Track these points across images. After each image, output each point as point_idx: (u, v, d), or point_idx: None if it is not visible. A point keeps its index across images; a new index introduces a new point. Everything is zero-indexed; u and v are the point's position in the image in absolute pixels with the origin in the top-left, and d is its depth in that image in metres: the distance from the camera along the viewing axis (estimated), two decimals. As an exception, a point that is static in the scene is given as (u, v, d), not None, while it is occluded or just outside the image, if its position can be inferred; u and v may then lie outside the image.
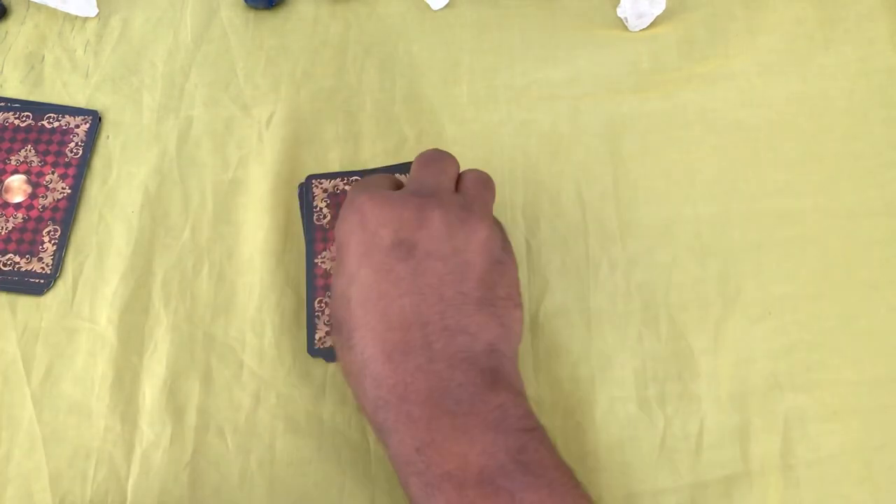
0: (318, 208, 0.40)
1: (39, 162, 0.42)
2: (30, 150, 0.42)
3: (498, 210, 0.40)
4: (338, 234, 0.33)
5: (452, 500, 0.26)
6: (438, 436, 0.27)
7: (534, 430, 0.28)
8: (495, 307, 0.30)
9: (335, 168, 0.42)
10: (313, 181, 0.41)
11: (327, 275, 0.38)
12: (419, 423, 0.27)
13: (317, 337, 0.37)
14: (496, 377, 0.29)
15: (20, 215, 0.41)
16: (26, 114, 0.43)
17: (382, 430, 0.29)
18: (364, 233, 0.31)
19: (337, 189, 0.40)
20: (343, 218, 0.33)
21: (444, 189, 0.33)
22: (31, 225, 0.41)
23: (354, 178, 0.41)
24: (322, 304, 0.38)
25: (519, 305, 0.32)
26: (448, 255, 0.30)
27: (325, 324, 0.37)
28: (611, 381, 0.37)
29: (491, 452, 0.27)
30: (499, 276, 0.31)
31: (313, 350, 0.37)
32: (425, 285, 0.29)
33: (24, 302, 0.39)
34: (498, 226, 0.34)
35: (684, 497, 0.34)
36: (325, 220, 0.40)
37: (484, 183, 0.35)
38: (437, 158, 0.35)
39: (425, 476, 0.27)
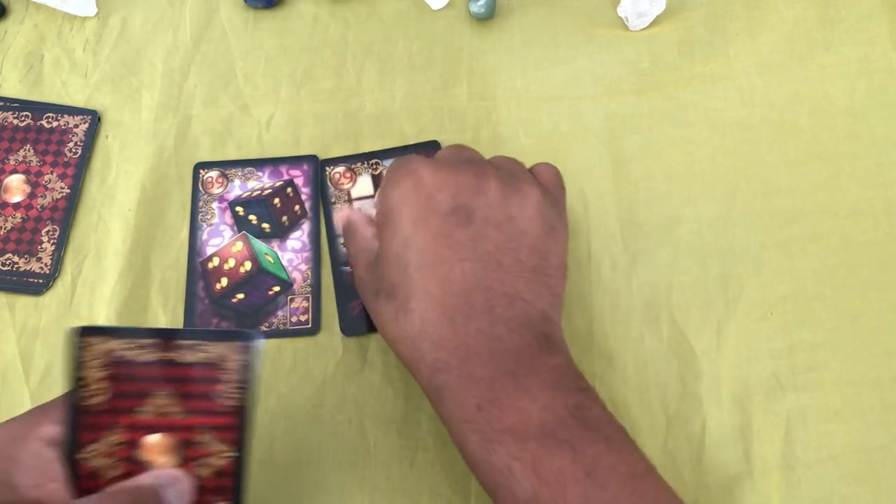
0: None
1: (38, 162, 0.42)
2: (29, 150, 0.42)
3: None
4: (387, 198, 0.32)
5: (514, 453, 0.27)
6: (501, 393, 0.28)
7: (588, 390, 0.29)
8: (547, 276, 0.31)
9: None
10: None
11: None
12: (481, 382, 0.28)
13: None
14: (550, 342, 0.30)
15: (19, 215, 0.41)
16: (25, 113, 0.43)
17: (440, 391, 0.29)
18: (419, 197, 0.31)
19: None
20: (394, 182, 0.32)
21: (487, 161, 0.34)
22: (29, 225, 0.41)
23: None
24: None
25: (566, 276, 0.33)
26: (503, 222, 0.31)
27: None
28: (612, 382, 0.37)
29: (551, 408, 0.28)
30: (552, 243, 0.32)
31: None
32: (484, 252, 0.30)
33: (23, 302, 0.39)
34: (551, 194, 0.34)
35: (686, 497, 0.34)
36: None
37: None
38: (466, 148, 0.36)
39: (486, 432, 0.27)
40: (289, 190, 0.41)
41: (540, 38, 0.45)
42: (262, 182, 0.41)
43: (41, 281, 0.39)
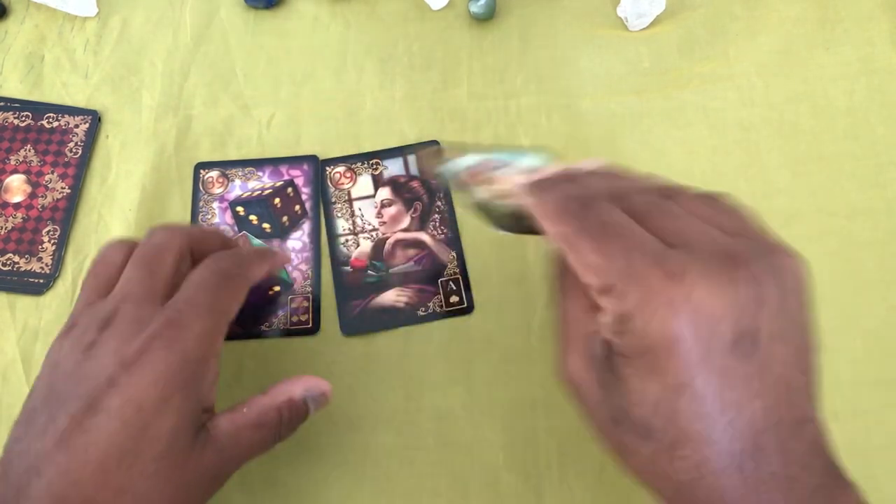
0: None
1: (39, 162, 0.42)
2: (29, 150, 0.42)
3: (498, 210, 0.40)
4: (646, 331, 0.24)
5: None
6: None
7: None
8: (817, 371, 0.25)
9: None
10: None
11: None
12: None
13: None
14: (838, 471, 0.25)
15: (20, 215, 0.41)
16: (26, 113, 0.43)
17: None
18: (697, 331, 0.23)
19: None
20: (654, 311, 0.24)
21: (722, 231, 0.26)
22: (30, 225, 0.41)
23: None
24: None
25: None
26: (787, 328, 0.24)
27: None
28: (611, 381, 0.37)
29: None
30: (812, 317, 0.25)
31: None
32: (774, 380, 0.24)
33: (24, 302, 0.39)
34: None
35: (685, 497, 0.34)
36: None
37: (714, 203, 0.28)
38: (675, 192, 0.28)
39: None
40: (289, 190, 0.41)
41: (540, 38, 0.45)
42: (262, 182, 0.41)
43: (42, 281, 0.39)
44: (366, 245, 0.40)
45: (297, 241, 0.40)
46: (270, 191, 0.41)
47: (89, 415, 0.25)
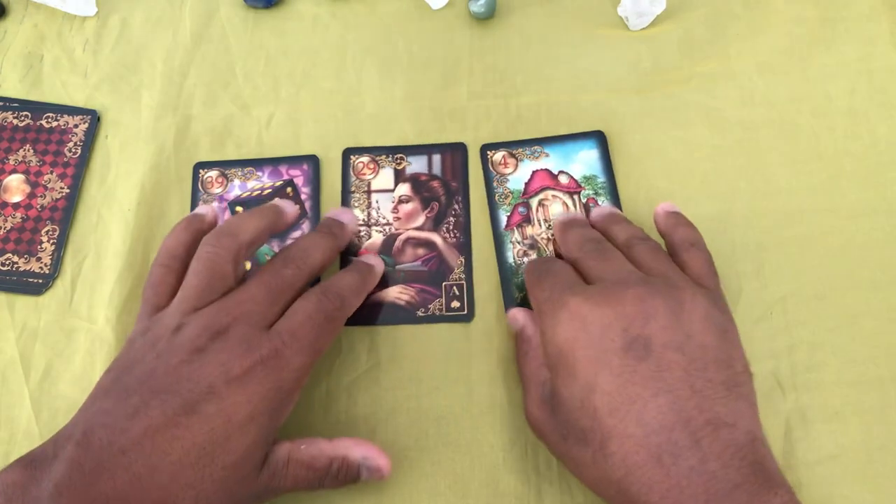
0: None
1: (38, 161, 0.42)
2: (28, 150, 0.42)
3: (498, 210, 0.40)
4: (553, 339, 0.30)
5: None
6: None
7: None
8: (739, 387, 0.29)
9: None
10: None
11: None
12: None
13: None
14: (767, 473, 0.27)
15: (19, 215, 0.41)
16: (25, 113, 0.43)
17: None
18: (589, 337, 0.29)
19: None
20: (558, 323, 0.30)
21: (635, 270, 0.32)
22: (29, 225, 0.41)
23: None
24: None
25: (752, 377, 0.30)
26: (683, 343, 0.29)
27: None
28: (611, 381, 0.37)
29: None
30: (730, 347, 0.30)
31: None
32: (674, 381, 0.28)
33: (23, 302, 0.39)
34: (709, 290, 0.32)
35: (685, 497, 0.34)
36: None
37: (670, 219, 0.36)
38: (578, 224, 0.36)
39: None
40: (289, 190, 0.41)
41: (540, 38, 0.45)
42: (261, 182, 0.41)
43: (41, 281, 0.39)
44: (377, 238, 0.40)
45: None
46: (270, 190, 0.41)
47: (184, 413, 0.27)
